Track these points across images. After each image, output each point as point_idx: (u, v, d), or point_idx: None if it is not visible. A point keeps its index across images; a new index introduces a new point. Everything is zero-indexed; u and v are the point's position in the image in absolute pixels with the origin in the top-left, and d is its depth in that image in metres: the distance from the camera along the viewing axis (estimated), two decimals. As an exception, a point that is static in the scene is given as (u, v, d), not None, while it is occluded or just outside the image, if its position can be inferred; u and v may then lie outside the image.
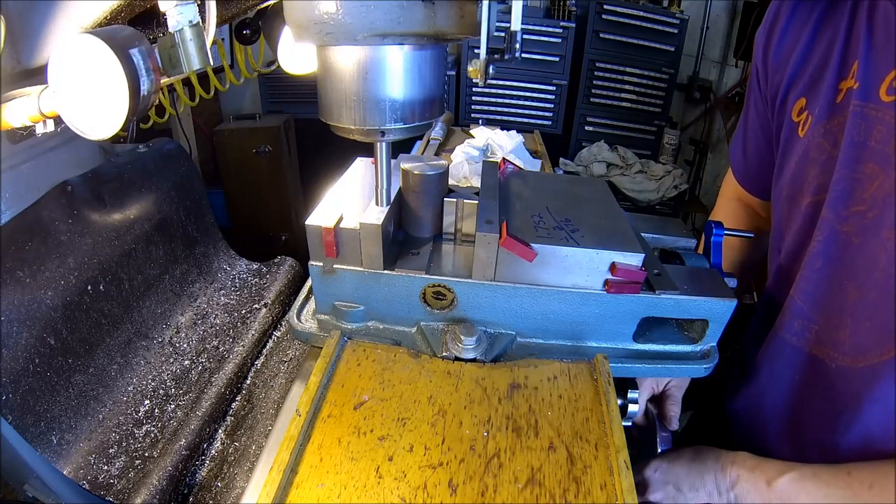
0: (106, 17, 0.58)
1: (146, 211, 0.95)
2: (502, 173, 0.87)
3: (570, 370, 0.69)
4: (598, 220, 0.73)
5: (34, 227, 0.76)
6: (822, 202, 0.73)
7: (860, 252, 0.68)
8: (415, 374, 0.66)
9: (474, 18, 0.52)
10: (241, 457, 0.74)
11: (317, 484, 0.53)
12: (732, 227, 0.90)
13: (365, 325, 0.74)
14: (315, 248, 0.68)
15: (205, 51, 0.55)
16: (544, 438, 0.59)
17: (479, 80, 0.53)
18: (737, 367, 0.98)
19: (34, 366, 0.69)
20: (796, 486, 0.66)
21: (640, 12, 3.04)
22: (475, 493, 0.53)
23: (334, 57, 0.54)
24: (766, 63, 0.84)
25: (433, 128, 1.83)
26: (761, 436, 0.87)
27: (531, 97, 3.24)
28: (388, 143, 0.60)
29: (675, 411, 0.86)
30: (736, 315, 0.73)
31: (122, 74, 0.49)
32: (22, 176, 0.79)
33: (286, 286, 1.07)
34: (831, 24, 0.73)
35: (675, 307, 0.71)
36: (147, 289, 0.93)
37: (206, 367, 0.89)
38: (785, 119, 0.81)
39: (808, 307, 0.76)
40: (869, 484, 0.62)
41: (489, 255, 0.67)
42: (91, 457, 0.72)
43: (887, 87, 0.64)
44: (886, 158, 0.64)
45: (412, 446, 0.57)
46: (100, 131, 0.54)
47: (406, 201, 0.74)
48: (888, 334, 0.64)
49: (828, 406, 0.73)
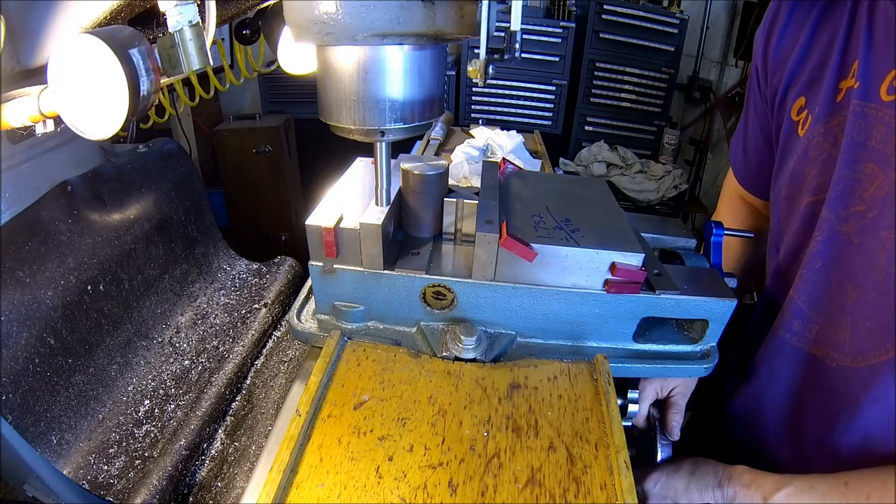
0: (106, 17, 0.58)
1: (146, 211, 0.95)
2: (502, 173, 0.87)
3: (570, 370, 0.69)
4: (598, 220, 0.73)
5: (34, 227, 0.76)
6: (822, 202, 0.73)
7: (860, 252, 0.68)
8: (415, 374, 0.66)
9: (474, 18, 0.52)
10: (241, 457, 0.74)
11: (317, 484, 0.53)
12: (734, 226, 0.90)
13: (365, 325, 0.74)
14: (315, 248, 0.68)
15: (204, 51, 0.55)
16: (544, 438, 0.59)
17: (479, 80, 0.53)
18: (735, 366, 0.98)
19: (34, 366, 0.69)
20: (792, 501, 0.66)
21: (640, 12, 3.04)
22: (475, 493, 0.53)
23: (334, 57, 0.54)
24: (765, 62, 0.84)
25: (433, 128, 1.83)
26: (760, 436, 0.87)
27: (531, 97, 3.24)
28: (387, 143, 0.60)
29: (678, 420, 0.85)
30: (735, 315, 0.73)
31: (121, 74, 0.49)
32: (22, 176, 0.79)
33: (286, 286, 1.07)
34: (831, 23, 0.73)
35: (675, 307, 0.71)
36: (147, 289, 0.93)
37: (206, 367, 0.89)
38: (784, 118, 0.81)
39: (808, 307, 0.76)
40: (866, 494, 0.61)
41: (489, 255, 0.67)
42: (91, 457, 0.72)
43: (888, 87, 0.64)
44: (886, 158, 0.64)
45: (412, 446, 0.57)
46: (100, 131, 0.54)
47: (406, 201, 0.74)
48: (887, 334, 0.64)
49: (827, 406, 0.73)
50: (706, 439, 1.01)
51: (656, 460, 0.83)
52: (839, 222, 0.70)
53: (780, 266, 0.85)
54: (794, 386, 0.80)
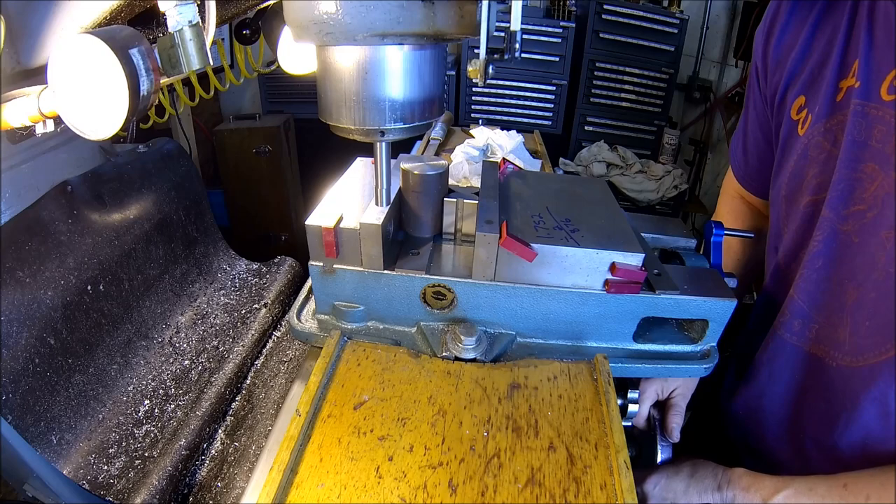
0: (106, 17, 0.58)
1: (146, 211, 0.95)
2: (502, 173, 0.87)
3: (570, 370, 0.69)
4: (598, 220, 0.73)
5: (34, 227, 0.76)
6: (822, 201, 0.72)
7: (860, 251, 0.68)
8: (415, 374, 0.66)
9: (474, 18, 0.52)
10: (241, 457, 0.74)
11: (317, 484, 0.53)
12: (734, 226, 0.90)
13: (365, 325, 0.74)
14: (315, 248, 0.68)
15: (204, 51, 0.55)
16: (544, 438, 0.59)
17: (479, 80, 0.53)
18: (735, 367, 0.98)
19: (34, 366, 0.69)
20: (791, 502, 0.66)
21: (640, 12, 3.04)
22: (475, 493, 0.53)
23: (334, 57, 0.54)
24: (765, 61, 0.84)
25: (433, 128, 1.83)
26: (760, 435, 0.87)
27: (531, 97, 3.24)
28: (387, 143, 0.60)
29: (678, 422, 0.85)
30: (734, 315, 0.73)
31: (121, 74, 0.49)
32: (22, 176, 0.79)
33: (286, 286, 1.07)
34: (831, 22, 0.73)
35: (675, 307, 0.71)
36: (147, 289, 0.93)
37: (206, 367, 0.89)
38: (784, 117, 0.81)
39: (808, 307, 0.76)
40: (866, 496, 0.61)
41: (489, 255, 0.67)
42: (91, 457, 0.72)
43: (888, 87, 0.64)
44: (886, 158, 0.64)
45: (412, 446, 0.57)
46: (100, 131, 0.54)
47: (406, 201, 0.74)
48: (888, 334, 0.64)
49: (827, 405, 0.73)
50: (706, 439, 1.01)
51: (656, 461, 0.83)
52: (839, 222, 0.70)
53: (780, 265, 0.85)
54: (794, 385, 0.80)
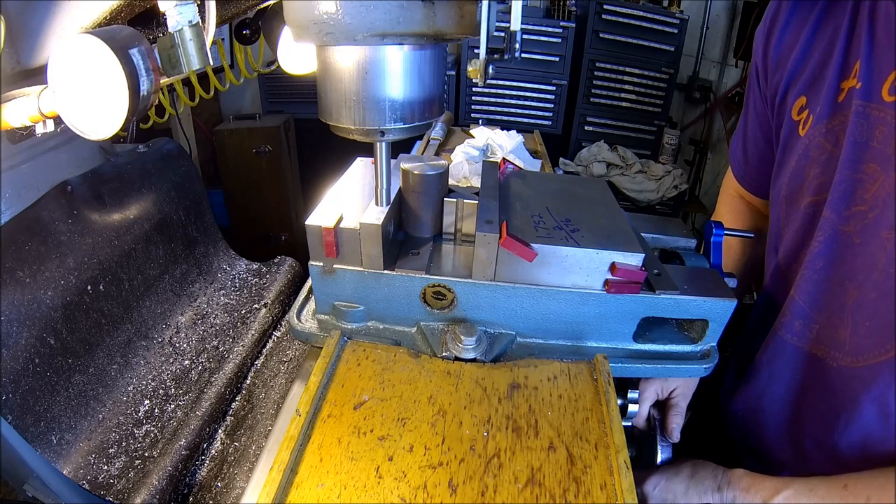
0: (106, 17, 0.58)
1: (146, 211, 0.95)
2: (502, 173, 0.87)
3: (570, 370, 0.69)
4: (598, 220, 0.73)
5: (34, 227, 0.76)
6: (823, 202, 0.72)
7: (861, 252, 0.68)
8: (415, 374, 0.66)
9: (474, 18, 0.52)
10: (241, 457, 0.74)
11: (317, 484, 0.53)
12: (734, 226, 0.90)
13: (365, 325, 0.74)
14: (315, 248, 0.68)
15: (204, 51, 0.55)
16: (544, 438, 0.59)
17: (479, 80, 0.53)
18: (735, 367, 0.98)
19: (34, 366, 0.69)
20: (791, 503, 0.66)
21: (640, 12, 3.04)
22: (475, 493, 0.53)
23: (334, 57, 0.54)
24: (765, 61, 0.84)
25: (433, 128, 1.83)
26: (760, 435, 0.87)
27: (531, 97, 3.23)
28: (387, 143, 0.60)
29: (678, 423, 0.85)
30: (734, 315, 0.73)
31: (121, 74, 0.49)
32: (22, 176, 0.79)
33: (286, 286, 1.07)
34: (832, 22, 0.73)
35: (675, 307, 0.71)
36: (147, 289, 0.93)
37: (206, 367, 0.89)
38: (785, 118, 0.80)
39: (809, 307, 0.76)
40: (866, 497, 0.61)
41: (489, 255, 0.67)
42: (91, 457, 0.72)
43: (889, 87, 0.64)
44: (888, 159, 0.64)
45: (412, 446, 0.57)
46: (100, 131, 0.54)
47: (406, 201, 0.74)
48: (888, 334, 0.64)
49: (827, 405, 0.73)
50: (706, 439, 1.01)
51: (656, 461, 0.82)
52: (840, 222, 0.70)
53: (780, 266, 0.85)
54: (795, 386, 0.80)
